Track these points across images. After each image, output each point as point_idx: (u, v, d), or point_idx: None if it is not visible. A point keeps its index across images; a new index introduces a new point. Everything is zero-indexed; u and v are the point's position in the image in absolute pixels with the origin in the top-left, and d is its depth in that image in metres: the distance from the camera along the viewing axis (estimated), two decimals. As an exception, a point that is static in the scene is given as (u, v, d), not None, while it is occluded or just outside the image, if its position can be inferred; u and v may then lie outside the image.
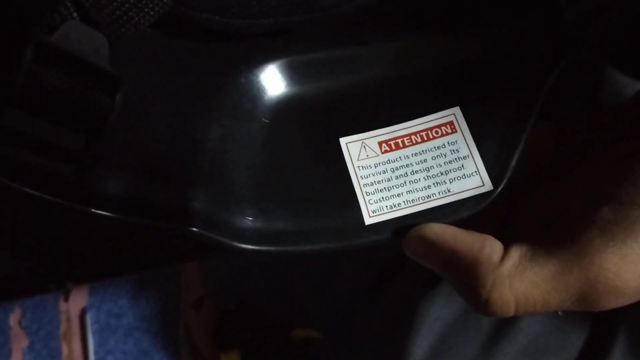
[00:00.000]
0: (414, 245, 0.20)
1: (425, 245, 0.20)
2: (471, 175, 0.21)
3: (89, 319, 0.60)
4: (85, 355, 0.59)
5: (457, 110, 0.23)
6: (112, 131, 0.18)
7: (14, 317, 0.61)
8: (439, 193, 0.21)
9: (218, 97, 0.23)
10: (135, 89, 0.20)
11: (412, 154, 0.22)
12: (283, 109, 0.24)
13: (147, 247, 0.60)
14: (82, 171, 0.18)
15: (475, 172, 0.21)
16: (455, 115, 0.23)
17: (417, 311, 0.32)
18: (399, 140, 0.23)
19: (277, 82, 0.24)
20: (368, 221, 0.21)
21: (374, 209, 0.22)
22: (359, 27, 0.24)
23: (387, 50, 0.24)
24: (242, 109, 0.23)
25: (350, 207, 0.22)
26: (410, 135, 0.23)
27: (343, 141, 0.23)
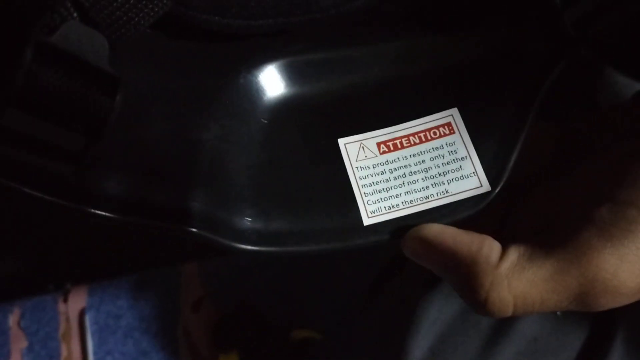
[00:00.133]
0: (412, 245, 0.20)
1: (424, 246, 0.20)
2: (469, 176, 0.22)
3: (88, 319, 0.60)
4: (84, 355, 0.59)
5: (455, 112, 0.23)
6: (112, 131, 0.18)
7: (13, 317, 0.61)
8: (437, 194, 0.21)
9: (217, 97, 0.23)
10: (135, 90, 0.20)
11: (410, 155, 0.22)
12: (282, 109, 0.24)
13: (146, 247, 0.60)
14: (82, 171, 0.18)
15: (473, 173, 0.22)
16: (453, 116, 0.23)
17: (417, 311, 0.32)
18: (397, 141, 0.23)
19: (276, 83, 0.24)
20: (367, 222, 0.21)
21: (372, 209, 0.22)
22: (357, 27, 0.24)
23: (386, 51, 0.24)
24: (242, 109, 0.23)
25: (349, 207, 0.22)
26: (408, 136, 0.23)
27: (342, 142, 0.23)
